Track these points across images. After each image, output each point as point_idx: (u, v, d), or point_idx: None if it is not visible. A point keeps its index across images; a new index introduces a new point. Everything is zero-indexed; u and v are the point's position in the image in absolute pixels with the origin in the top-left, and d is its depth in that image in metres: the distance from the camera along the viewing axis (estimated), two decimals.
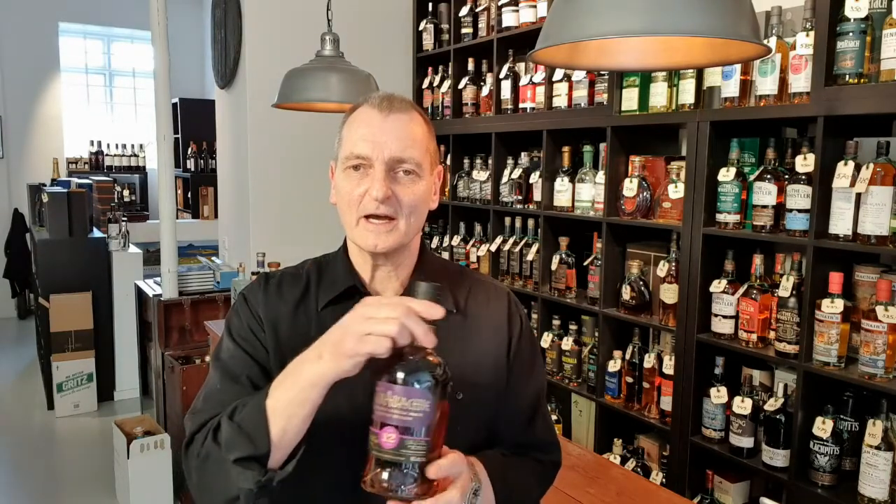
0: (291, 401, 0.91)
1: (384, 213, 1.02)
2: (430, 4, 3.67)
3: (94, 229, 5.20)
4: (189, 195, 6.91)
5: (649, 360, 2.51)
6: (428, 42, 3.70)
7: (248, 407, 0.94)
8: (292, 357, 1.05)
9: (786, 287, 2.07)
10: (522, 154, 3.15)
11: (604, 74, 2.65)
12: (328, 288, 1.10)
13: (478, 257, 3.34)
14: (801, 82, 2.02)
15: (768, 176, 2.11)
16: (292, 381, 0.91)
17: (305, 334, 1.08)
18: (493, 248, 3.21)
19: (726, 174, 2.19)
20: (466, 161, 3.41)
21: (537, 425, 1.18)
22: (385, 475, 0.83)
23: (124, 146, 7.90)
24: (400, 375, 0.83)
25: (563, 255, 2.87)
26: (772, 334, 2.15)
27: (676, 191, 2.37)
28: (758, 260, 2.18)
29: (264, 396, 0.93)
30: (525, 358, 1.16)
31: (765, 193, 2.12)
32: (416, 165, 1.04)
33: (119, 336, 4.87)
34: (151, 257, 5.17)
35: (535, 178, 2.98)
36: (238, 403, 0.97)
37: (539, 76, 2.98)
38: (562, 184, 2.85)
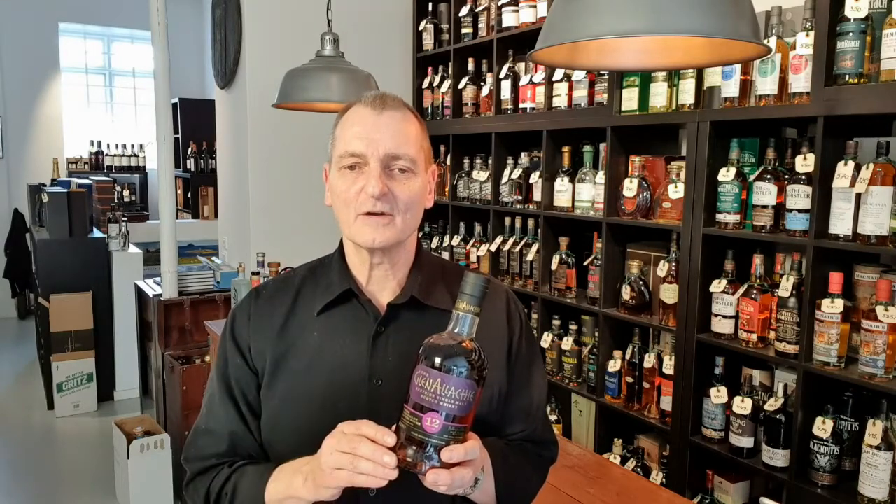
0: (280, 502, 1.00)
1: (381, 210, 1.02)
2: (430, 4, 3.67)
3: (94, 229, 5.20)
4: (189, 195, 6.91)
5: (649, 360, 2.51)
6: (428, 42, 3.70)
7: (248, 492, 1.04)
8: (290, 361, 1.08)
9: (786, 287, 2.07)
10: (522, 154, 3.15)
11: (604, 74, 2.65)
12: (324, 292, 1.10)
13: (478, 257, 3.34)
14: (801, 82, 2.02)
15: (768, 176, 2.11)
16: (285, 485, 0.99)
17: (304, 340, 1.09)
18: (493, 248, 3.21)
19: (726, 174, 2.19)
20: (466, 161, 3.41)
21: (538, 424, 1.19)
22: (410, 451, 0.87)
23: (124, 146, 7.91)
24: (449, 365, 0.87)
25: (563, 255, 2.87)
26: (772, 334, 2.15)
27: (676, 191, 2.37)
28: (758, 260, 2.18)
29: (265, 483, 1.01)
30: (525, 357, 1.16)
31: (765, 193, 2.12)
32: (410, 162, 1.04)
33: (119, 336, 4.87)
34: (151, 257, 5.17)
35: (535, 178, 2.98)
36: (239, 484, 1.06)
37: (539, 76, 2.98)
38: (562, 184, 2.85)
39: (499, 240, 3.20)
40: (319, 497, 0.94)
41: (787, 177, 2.10)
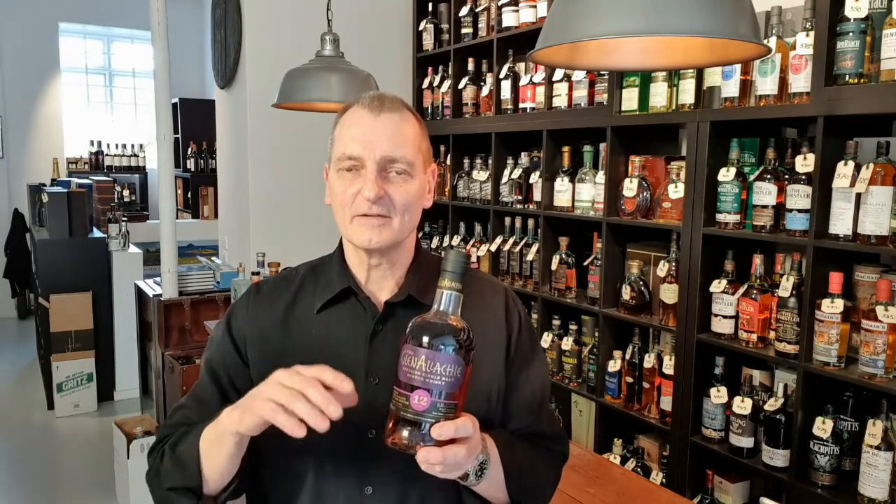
0: (213, 442, 0.97)
1: (377, 213, 1.03)
2: (430, 4, 3.67)
3: (94, 229, 5.20)
4: (189, 195, 6.91)
5: (649, 360, 2.51)
6: (428, 42, 3.70)
7: (187, 440, 1.02)
8: (289, 358, 1.07)
9: (786, 287, 2.07)
10: (522, 154, 3.15)
11: (604, 74, 2.65)
12: (324, 290, 1.11)
13: (478, 257, 3.34)
14: (801, 82, 2.02)
15: (768, 176, 2.11)
16: (218, 421, 0.96)
17: (302, 337, 1.09)
18: (493, 248, 3.21)
19: (726, 174, 2.19)
20: (466, 161, 3.41)
21: (542, 418, 1.18)
22: (405, 433, 0.86)
23: (124, 146, 7.90)
24: (435, 342, 0.87)
25: (563, 255, 2.87)
26: (772, 334, 2.15)
27: (676, 191, 2.37)
28: (758, 260, 2.18)
29: (202, 431, 0.99)
30: (525, 352, 1.16)
31: (765, 193, 2.12)
32: (408, 165, 1.05)
33: (119, 336, 4.86)
34: (151, 257, 5.17)
35: (535, 178, 2.98)
36: (183, 433, 1.05)
37: (539, 76, 2.98)
38: (562, 184, 2.85)
39: (499, 240, 3.20)
40: (240, 427, 0.91)
41: (787, 177, 2.10)
